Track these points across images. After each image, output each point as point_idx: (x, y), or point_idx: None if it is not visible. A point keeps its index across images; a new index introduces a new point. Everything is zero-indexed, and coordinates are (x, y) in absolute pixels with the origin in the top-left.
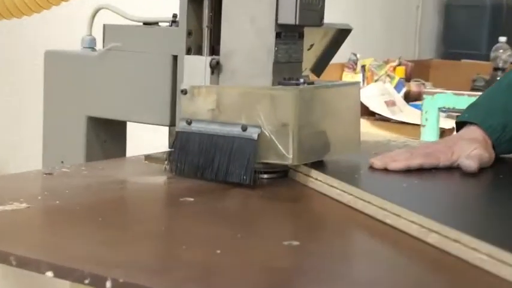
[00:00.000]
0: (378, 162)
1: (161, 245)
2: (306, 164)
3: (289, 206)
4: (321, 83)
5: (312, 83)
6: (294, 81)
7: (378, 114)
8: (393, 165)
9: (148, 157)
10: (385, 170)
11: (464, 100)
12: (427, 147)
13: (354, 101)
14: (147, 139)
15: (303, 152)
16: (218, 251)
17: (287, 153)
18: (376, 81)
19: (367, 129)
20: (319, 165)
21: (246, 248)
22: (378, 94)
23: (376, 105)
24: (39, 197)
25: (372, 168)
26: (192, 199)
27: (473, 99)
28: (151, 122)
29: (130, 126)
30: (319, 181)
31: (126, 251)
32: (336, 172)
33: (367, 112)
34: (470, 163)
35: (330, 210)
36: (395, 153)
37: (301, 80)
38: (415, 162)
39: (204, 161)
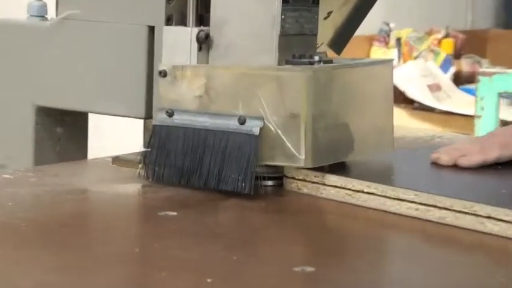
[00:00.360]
0: (444, 157)
1: (134, 272)
2: (318, 168)
3: (300, 221)
4: (342, 61)
5: (330, 61)
6: (306, 60)
7: (418, 102)
8: (465, 161)
9: (117, 159)
10: (454, 167)
11: None
12: (498, 135)
13: (386, 85)
14: (115, 136)
15: (319, 151)
16: (209, 280)
17: (298, 153)
18: (415, 58)
19: (404, 121)
20: (336, 169)
21: (245, 275)
22: (417, 75)
23: (416, 90)
24: None
25: (436, 165)
26: (174, 213)
27: None
28: (121, 114)
29: (93, 120)
30: (343, 188)
31: (89, 280)
32: (367, 174)
33: (403, 99)
34: None
35: (353, 226)
36: (460, 145)
37: (316, 58)
38: (492, 155)
39: (190, 163)
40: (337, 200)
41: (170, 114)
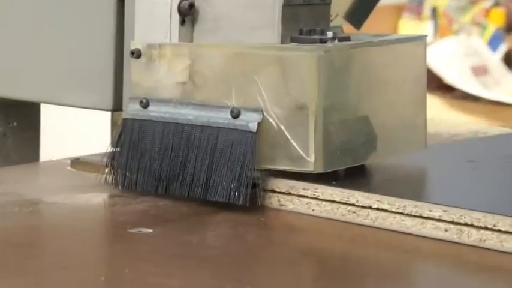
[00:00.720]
0: None
1: None
2: (331, 174)
3: (308, 242)
4: (362, 38)
5: (348, 38)
6: (317, 36)
7: (459, 89)
8: None
9: (76, 162)
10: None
11: None
12: None
13: (418, 68)
14: (74, 133)
15: (332, 151)
16: None
17: (306, 155)
18: (455, 33)
19: (440, 113)
20: (353, 174)
21: None
22: (458, 55)
23: (456, 74)
24: None
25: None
26: (149, 230)
27: None
28: (83, 105)
29: (46, 112)
30: (344, 204)
31: None
32: (383, 184)
33: (440, 86)
34: None
35: (365, 252)
36: None
37: (329, 34)
38: None
39: (170, 167)
40: (336, 218)
41: (145, 104)
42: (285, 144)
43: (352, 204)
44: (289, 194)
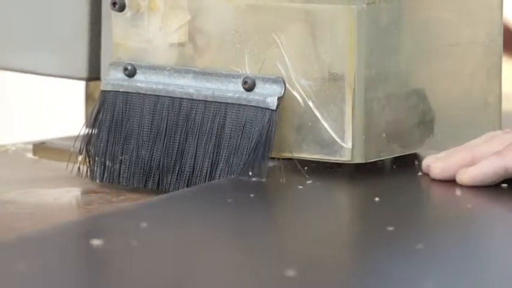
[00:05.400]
0: (436, 168)
1: None
2: (373, 165)
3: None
4: None
5: None
6: None
7: None
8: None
9: (40, 147)
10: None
11: None
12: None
13: (491, 27)
14: (38, 110)
15: (375, 136)
16: None
17: (341, 140)
18: None
19: None
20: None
21: None
22: None
23: None
24: None
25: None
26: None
27: None
28: (50, 73)
29: (2, 85)
30: None
31: None
32: None
33: None
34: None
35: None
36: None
37: None
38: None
39: (164, 154)
40: None
41: (130, 72)
42: (314, 125)
43: None
44: None
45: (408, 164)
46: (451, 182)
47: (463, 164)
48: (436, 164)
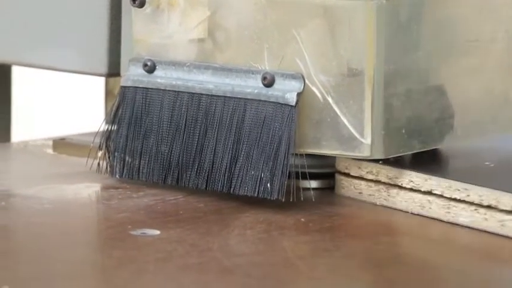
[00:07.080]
0: None
1: None
2: (394, 161)
3: (360, 248)
4: None
5: None
6: None
7: None
8: None
9: (60, 143)
10: None
11: None
12: None
13: (509, 22)
14: (58, 106)
15: (395, 132)
16: None
17: (360, 135)
18: None
19: None
20: (423, 162)
21: None
22: None
23: None
24: None
25: None
26: (156, 232)
27: None
28: (69, 69)
29: (21, 81)
30: (426, 194)
31: None
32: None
33: None
34: None
35: (449, 258)
36: None
37: None
38: None
39: (183, 150)
40: (417, 213)
41: (150, 68)
42: (333, 121)
43: (440, 195)
44: (362, 178)
45: (428, 158)
46: None
47: None
48: None
